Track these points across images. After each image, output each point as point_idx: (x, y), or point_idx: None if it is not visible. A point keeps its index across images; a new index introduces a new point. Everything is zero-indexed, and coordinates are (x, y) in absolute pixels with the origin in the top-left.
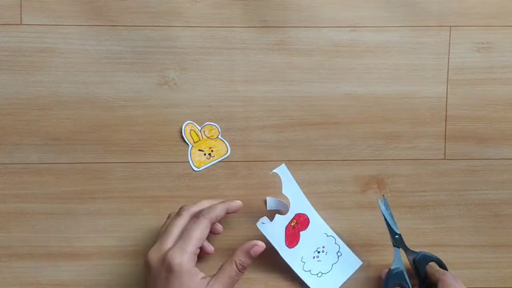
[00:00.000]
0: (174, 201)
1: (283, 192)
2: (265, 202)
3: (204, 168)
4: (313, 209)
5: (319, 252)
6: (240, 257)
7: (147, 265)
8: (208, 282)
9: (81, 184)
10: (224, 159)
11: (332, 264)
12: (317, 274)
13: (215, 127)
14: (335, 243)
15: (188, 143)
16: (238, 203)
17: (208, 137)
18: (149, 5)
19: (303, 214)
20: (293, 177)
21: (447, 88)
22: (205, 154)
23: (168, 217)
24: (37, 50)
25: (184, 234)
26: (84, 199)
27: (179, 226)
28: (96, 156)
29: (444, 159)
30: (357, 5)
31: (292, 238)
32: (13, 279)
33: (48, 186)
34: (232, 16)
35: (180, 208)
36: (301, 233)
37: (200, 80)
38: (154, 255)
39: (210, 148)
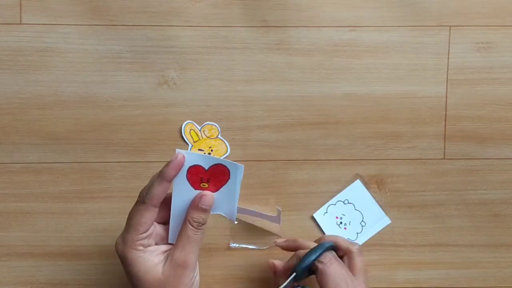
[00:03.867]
0: None
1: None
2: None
3: None
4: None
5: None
6: (191, 214)
7: None
8: (167, 255)
9: (80, 184)
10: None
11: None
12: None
13: (214, 126)
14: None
15: (188, 142)
16: (174, 161)
17: (207, 137)
18: (149, 5)
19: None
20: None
21: (446, 88)
22: (204, 154)
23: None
24: (37, 49)
25: (127, 221)
26: (84, 198)
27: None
28: (96, 156)
29: (444, 159)
30: (357, 5)
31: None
32: (13, 278)
33: (47, 186)
34: (232, 16)
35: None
36: None
37: (200, 79)
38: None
39: (209, 147)
